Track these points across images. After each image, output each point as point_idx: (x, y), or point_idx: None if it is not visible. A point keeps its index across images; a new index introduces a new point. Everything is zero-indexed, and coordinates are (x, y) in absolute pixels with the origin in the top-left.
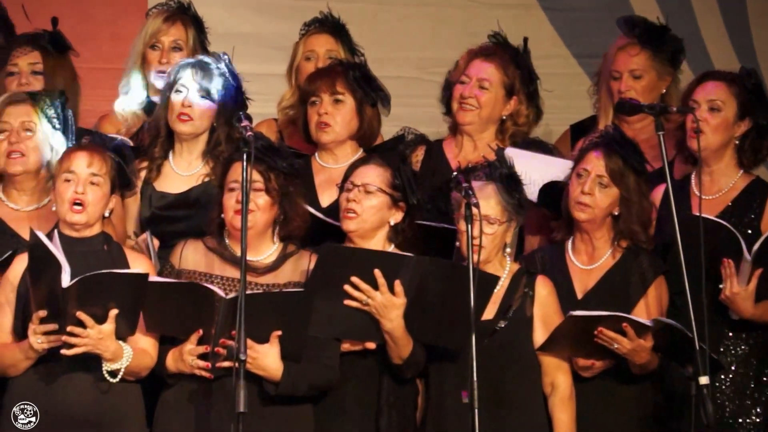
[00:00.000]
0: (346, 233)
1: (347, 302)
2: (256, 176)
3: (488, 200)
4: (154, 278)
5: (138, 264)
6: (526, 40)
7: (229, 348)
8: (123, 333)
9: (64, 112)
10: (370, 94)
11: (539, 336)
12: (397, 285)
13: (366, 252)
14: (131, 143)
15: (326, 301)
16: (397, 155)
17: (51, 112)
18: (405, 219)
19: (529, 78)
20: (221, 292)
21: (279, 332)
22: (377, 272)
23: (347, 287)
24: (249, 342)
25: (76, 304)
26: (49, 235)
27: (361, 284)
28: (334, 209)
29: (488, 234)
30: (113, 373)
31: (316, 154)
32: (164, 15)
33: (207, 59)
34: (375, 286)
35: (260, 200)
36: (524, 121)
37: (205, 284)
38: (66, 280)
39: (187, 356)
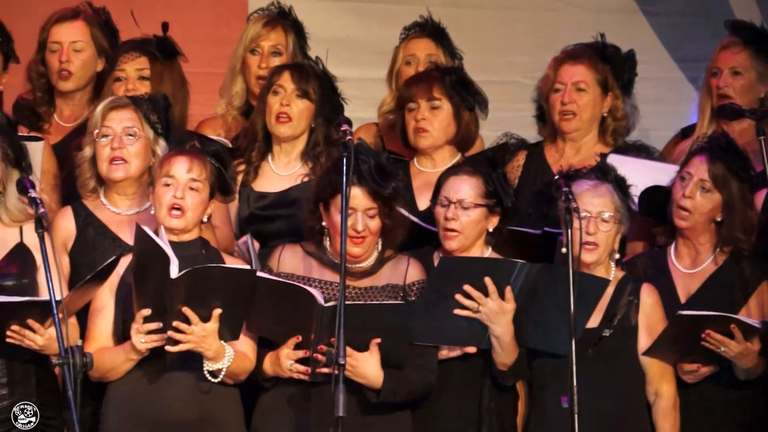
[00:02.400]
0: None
1: (458, 311)
2: (369, 203)
3: (603, 198)
4: (262, 274)
5: None
6: (603, 35)
7: (327, 353)
8: (226, 336)
9: (167, 116)
10: (467, 98)
11: (644, 344)
12: (508, 291)
13: (478, 260)
14: (230, 145)
15: (431, 309)
16: (486, 160)
17: (154, 117)
18: (501, 221)
19: (620, 69)
20: (321, 299)
21: (378, 340)
22: (488, 280)
23: (459, 296)
24: (348, 350)
25: (182, 300)
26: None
27: (473, 292)
28: (431, 213)
29: (604, 232)
30: (214, 374)
31: (415, 158)
32: (264, 20)
33: (303, 61)
34: (485, 293)
35: (373, 224)
36: (622, 115)
37: (307, 288)
38: (174, 272)
39: (285, 360)
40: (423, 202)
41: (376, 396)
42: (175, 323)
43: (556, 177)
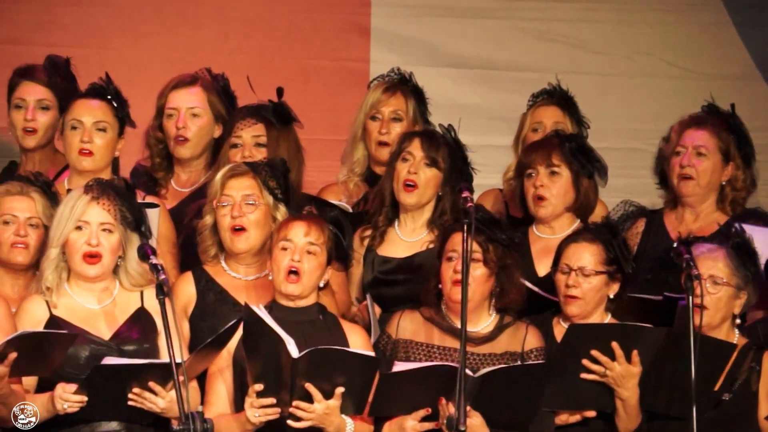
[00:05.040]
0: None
1: (585, 376)
2: (474, 247)
3: (716, 261)
4: (400, 366)
5: (355, 336)
6: (733, 106)
7: (448, 419)
8: (349, 410)
9: (286, 181)
10: (587, 165)
11: (765, 410)
12: (635, 355)
13: (605, 326)
14: (350, 209)
15: (558, 375)
16: (606, 226)
17: (273, 183)
18: (622, 287)
19: (744, 141)
20: (470, 371)
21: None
22: (615, 345)
23: (586, 362)
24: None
25: (305, 376)
26: (268, 306)
27: (601, 357)
28: (550, 280)
29: (712, 294)
30: None
31: (533, 224)
32: (384, 86)
33: (433, 129)
34: (612, 357)
35: (477, 272)
36: (742, 186)
37: (448, 364)
38: (295, 352)
39: None
40: (542, 268)
41: None
42: (296, 402)
43: (676, 244)
